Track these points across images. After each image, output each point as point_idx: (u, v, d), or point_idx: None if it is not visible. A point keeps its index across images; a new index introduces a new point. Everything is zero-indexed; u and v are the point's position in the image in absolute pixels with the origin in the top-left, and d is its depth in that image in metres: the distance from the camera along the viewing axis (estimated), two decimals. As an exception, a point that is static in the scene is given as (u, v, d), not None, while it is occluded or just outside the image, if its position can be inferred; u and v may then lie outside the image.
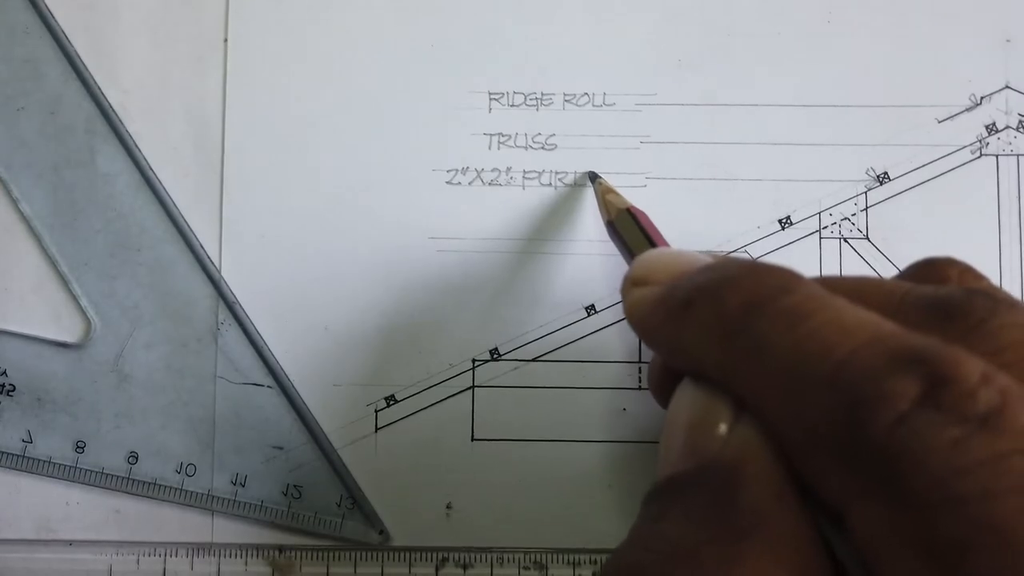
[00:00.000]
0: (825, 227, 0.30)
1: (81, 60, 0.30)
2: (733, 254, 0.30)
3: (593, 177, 0.29)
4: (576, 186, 0.30)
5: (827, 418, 0.15)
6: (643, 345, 0.29)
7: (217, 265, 0.30)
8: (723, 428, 0.17)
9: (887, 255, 0.30)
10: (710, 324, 0.17)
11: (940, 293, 0.17)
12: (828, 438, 0.15)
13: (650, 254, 0.23)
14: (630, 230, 0.26)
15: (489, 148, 0.30)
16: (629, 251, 0.26)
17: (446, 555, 0.29)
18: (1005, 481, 0.13)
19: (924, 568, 0.13)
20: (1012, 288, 0.30)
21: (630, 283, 0.21)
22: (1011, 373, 0.14)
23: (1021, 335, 0.16)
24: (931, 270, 0.20)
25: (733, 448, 0.17)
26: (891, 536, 0.14)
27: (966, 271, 0.19)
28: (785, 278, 0.17)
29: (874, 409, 0.14)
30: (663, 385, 0.21)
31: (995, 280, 0.30)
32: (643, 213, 0.27)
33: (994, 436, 0.13)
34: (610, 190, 0.28)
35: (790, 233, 0.30)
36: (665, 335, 0.19)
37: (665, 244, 0.26)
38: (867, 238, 0.30)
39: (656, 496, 0.17)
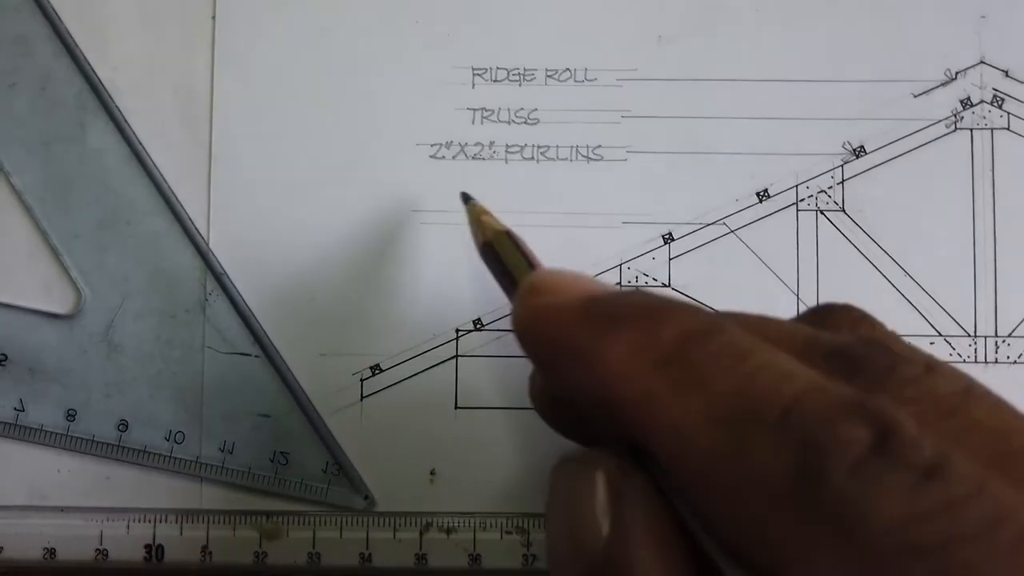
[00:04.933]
0: (802, 200, 0.30)
1: (71, 37, 0.30)
2: (716, 223, 0.30)
3: (466, 199, 0.28)
4: (559, 160, 0.31)
5: (774, 462, 0.14)
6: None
7: (205, 237, 0.30)
8: (605, 522, 0.16)
9: (863, 227, 0.30)
10: (643, 347, 0.16)
11: (839, 342, 0.17)
12: (773, 484, 0.14)
13: (552, 270, 0.21)
14: (511, 252, 0.24)
15: (472, 123, 0.31)
16: (508, 273, 0.24)
17: (430, 520, 0.30)
18: (963, 527, 0.13)
19: None
20: (984, 260, 0.30)
21: (531, 290, 0.19)
22: None
23: (917, 392, 0.15)
24: (827, 316, 0.19)
25: (619, 547, 0.15)
26: None
27: (862, 319, 0.19)
28: (716, 316, 0.17)
29: (829, 455, 0.13)
30: (552, 406, 0.20)
31: (968, 252, 0.30)
32: (520, 238, 0.25)
33: (946, 483, 0.13)
34: (485, 211, 0.26)
35: (768, 205, 0.30)
36: (581, 347, 0.17)
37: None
38: (843, 210, 0.30)
39: None
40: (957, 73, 0.31)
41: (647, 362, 0.16)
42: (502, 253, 0.24)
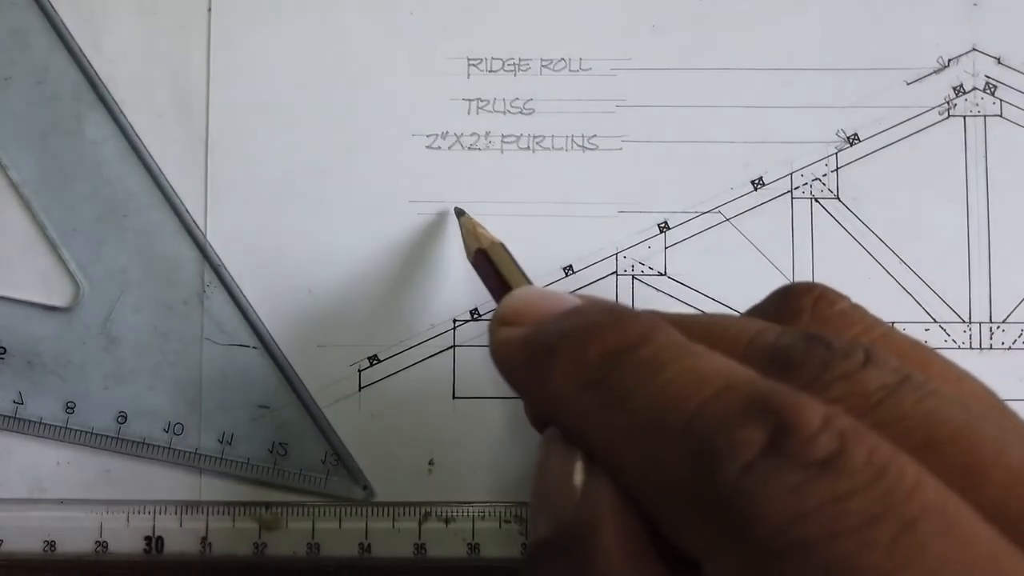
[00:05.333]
0: (797, 188, 0.31)
1: (67, 29, 0.30)
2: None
3: (460, 213, 0.29)
4: (554, 150, 0.31)
5: (681, 469, 0.15)
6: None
7: (203, 229, 0.30)
8: (577, 486, 0.17)
9: (857, 214, 0.30)
10: (572, 373, 0.17)
11: (780, 343, 0.17)
12: (682, 490, 0.15)
13: (518, 292, 0.22)
14: (505, 262, 0.26)
15: (468, 113, 0.31)
16: (502, 284, 0.25)
17: (428, 509, 0.30)
18: (845, 522, 0.13)
19: None
20: (978, 247, 0.30)
21: (498, 322, 0.21)
22: None
23: (847, 387, 0.16)
24: (787, 300, 0.20)
25: (586, 509, 0.16)
26: None
27: (821, 298, 0.19)
28: (646, 325, 0.17)
29: (722, 458, 0.14)
30: (541, 425, 0.21)
31: (962, 239, 0.30)
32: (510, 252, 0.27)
33: (833, 479, 0.13)
34: (479, 224, 0.28)
35: (762, 194, 0.31)
36: (528, 380, 0.19)
37: (530, 283, 0.26)
38: (838, 198, 0.31)
39: (530, 564, 0.17)
40: (949, 60, 0.31)
41: (578, 386, 0.17)
42: (497, 261, 0.26)
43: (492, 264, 0.26)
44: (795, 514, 0.13)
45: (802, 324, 0.19)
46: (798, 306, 0.19)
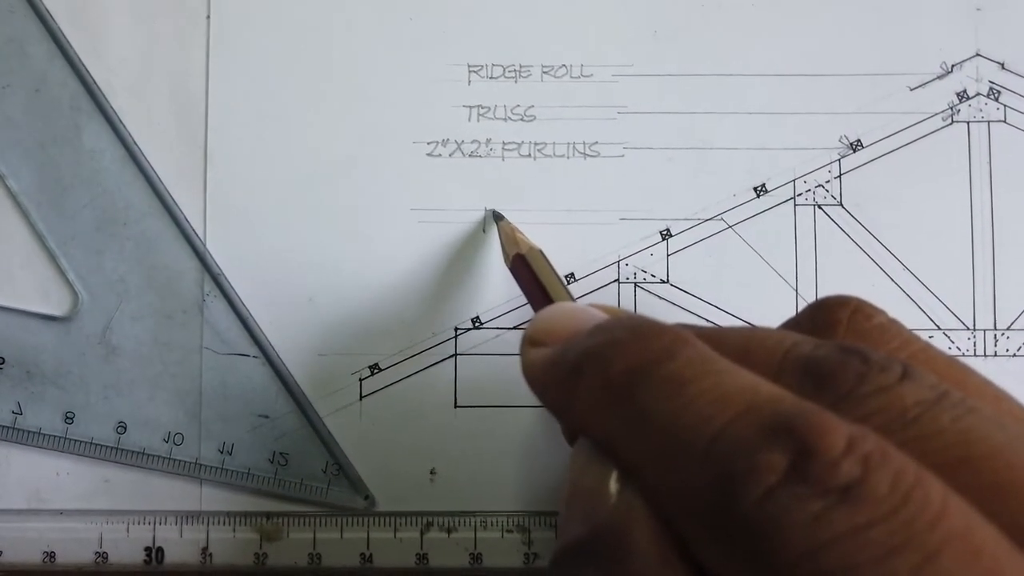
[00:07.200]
0: (800, 194, 0.30)
1: (65, 38, 0.30)
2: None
3: (498, 217, 0.30)
4: (556, 157, 0.31)
5: (702, 492, 0.15)
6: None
7: (202, 238, 0.30)
8: (613, 492, 0.17)
9: (860, 221, 0.30)
10: (597, 391, 0.17)
11: (816, 355, 0.17)
12: (704, 511, 0.15)
13: (546, 312, 0.22)
14: (543, 269, 0.26)
15: (469, 120, 0.31)
16: (539, 290, 0.26)
17: (430, 519, 0.30)
18: (865, 553, 0.13)
19: None
20: (982, 253, 0.30)
21: (528, 342, 0.21)
22: None
23: (883, 401, 0.15)
24: (822, 313, 0.19)
25: (622, 513, 0.16)
26: None
27: (857, 311, 0.19)
28: (670, 341, 0.17)
29: (744, 483, 0.14)
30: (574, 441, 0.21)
31: (966, 245, 0.30)
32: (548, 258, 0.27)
33: (854, 508, 0.13)
34: (517, 229, 0.29)
35: (765, 201, 0.30)
36: (556, 399, 0.19)
37: (567, 290, 0.26)
38: (841, 204, 0.30)
39: (557, 564, 0.17)
40: (953, 66, 0.31)
41: (602, 405, 0.17)
42: (536, 267, 0.26)
43: (530, 270, 0.26)
44: (815, 544, 0.13)
45: (838, 337, 0.19)
46: (834, 319, 0.19)
